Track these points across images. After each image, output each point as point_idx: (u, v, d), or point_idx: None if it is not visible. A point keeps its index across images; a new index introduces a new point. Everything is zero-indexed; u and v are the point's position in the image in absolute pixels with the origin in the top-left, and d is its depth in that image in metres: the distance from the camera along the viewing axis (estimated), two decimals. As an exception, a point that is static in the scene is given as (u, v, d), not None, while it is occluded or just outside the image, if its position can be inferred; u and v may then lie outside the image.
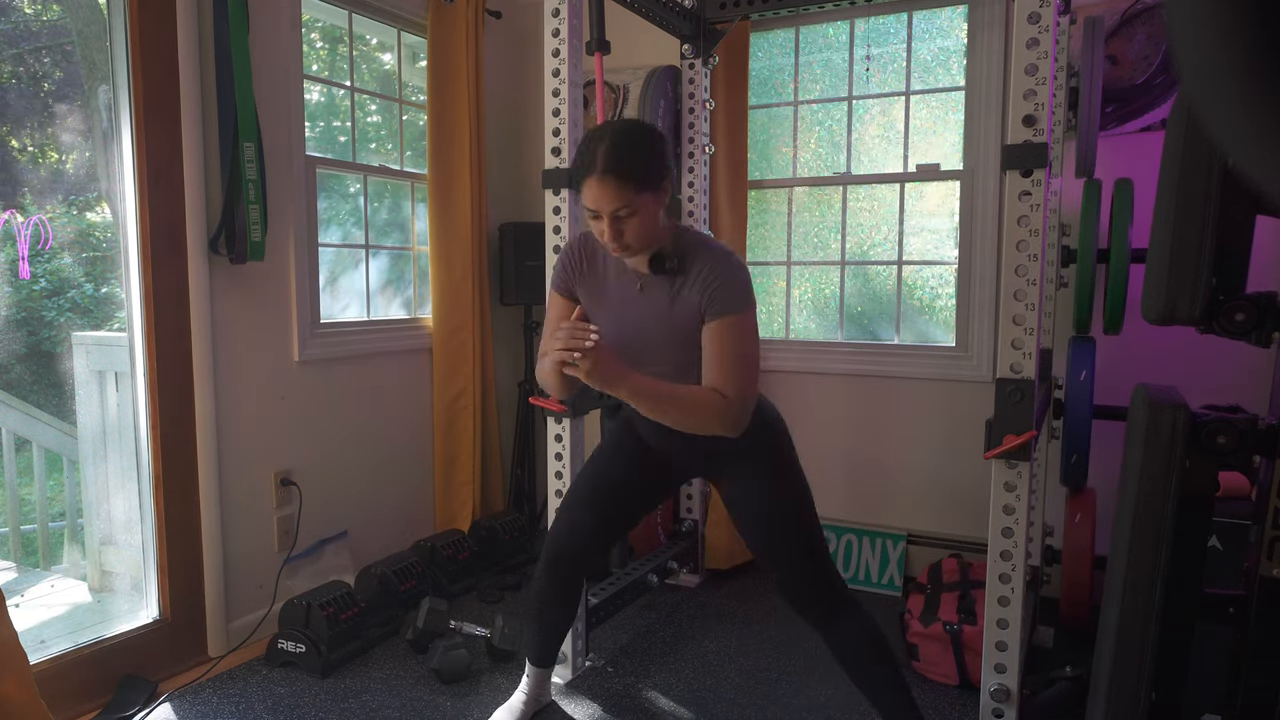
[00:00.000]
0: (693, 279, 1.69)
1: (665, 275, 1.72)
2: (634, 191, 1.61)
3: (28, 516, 3.33)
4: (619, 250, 1.68)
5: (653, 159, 1.66)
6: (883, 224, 3.27)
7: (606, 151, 1.62)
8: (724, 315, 1.67)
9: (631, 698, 2.32)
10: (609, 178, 1.60)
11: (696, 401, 1.68)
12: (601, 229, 1.66)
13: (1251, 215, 1.15)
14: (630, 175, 1.61)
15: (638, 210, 1.63)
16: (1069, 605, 2.47)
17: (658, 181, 1.66)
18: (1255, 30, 0.25)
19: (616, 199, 1.61)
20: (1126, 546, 1.18)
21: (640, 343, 1.78)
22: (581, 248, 1.86)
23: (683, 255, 1.71)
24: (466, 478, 3.36)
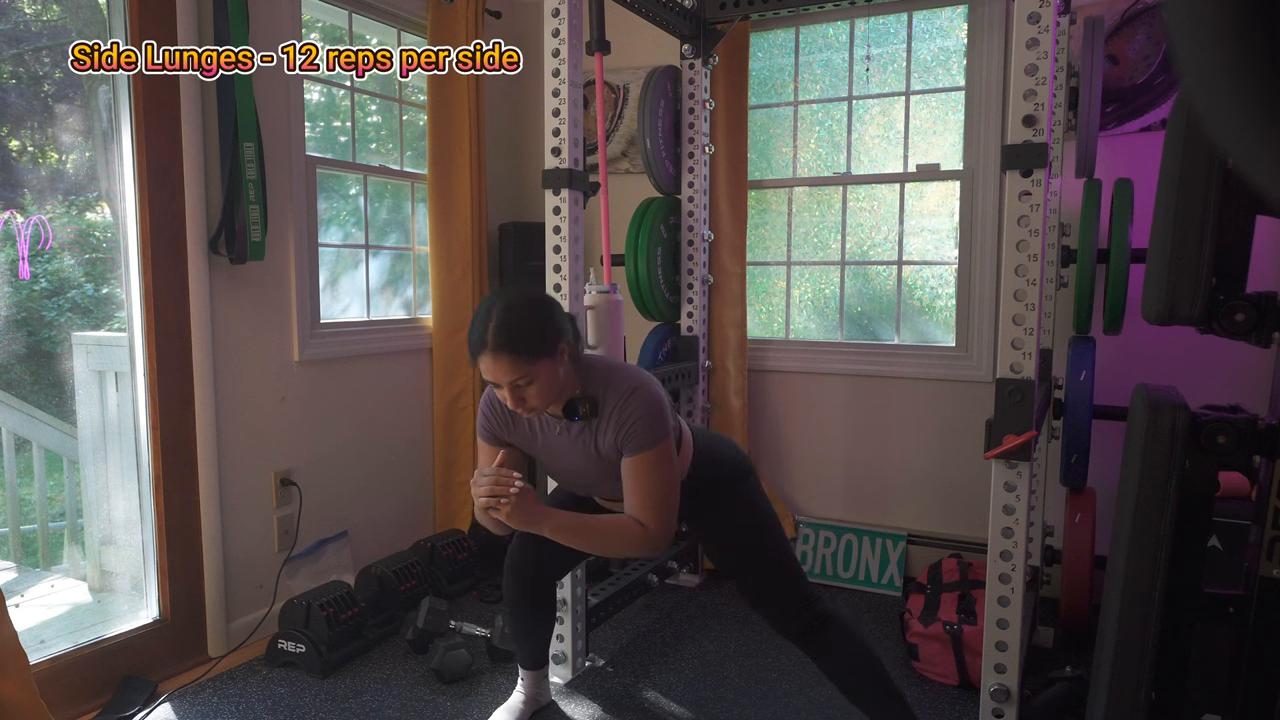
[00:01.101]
0: (606, 419, 1.73)
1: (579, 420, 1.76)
2: (527, 363, 1.63)
3: (28, 516, 3.33)
4: (525, 413, 1.71)
5: (542, 329, 1.67)
6: (883, 224, 3.27)
7: (496, 330, 1.63)
8: (639, 452, 1.71)
9: (631, 698, 2.32)
10: (501, 354, 1.62)
11: (616, 532, 1.73)
12: (504, 396, 1.69)
13: (1251, 215, 1.15)
14: (520, 349, 1.63)
15: (535, 378, 1.65)
16: (1069, 605, 2.47)
17: (552, 348, 1.67)
18: (1255, 30, 0.25)
19: (511, 371, 1.63)
20: (1126, 546, 1.18)
21: (582, 479, 1.86)
22: (500, 404, 1.86)
23: (593, 399, 1.74)
24: (466, 478, 3.36)
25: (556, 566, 2.13)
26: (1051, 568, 2.76)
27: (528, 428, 1.85)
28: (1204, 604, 1.19)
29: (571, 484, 1.93)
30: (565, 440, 1.81)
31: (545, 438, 1.84)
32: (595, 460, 1.79)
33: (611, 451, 1.75)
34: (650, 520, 1.71)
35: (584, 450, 1.79)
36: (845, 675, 1.89)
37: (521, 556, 2.08)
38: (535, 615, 2.16)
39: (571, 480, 1.91)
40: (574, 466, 1.84)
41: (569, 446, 1.81)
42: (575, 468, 1.84)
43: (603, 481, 1.84)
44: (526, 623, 2.17)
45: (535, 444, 1.86)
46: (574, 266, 2.28)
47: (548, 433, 1.83)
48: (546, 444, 1.84)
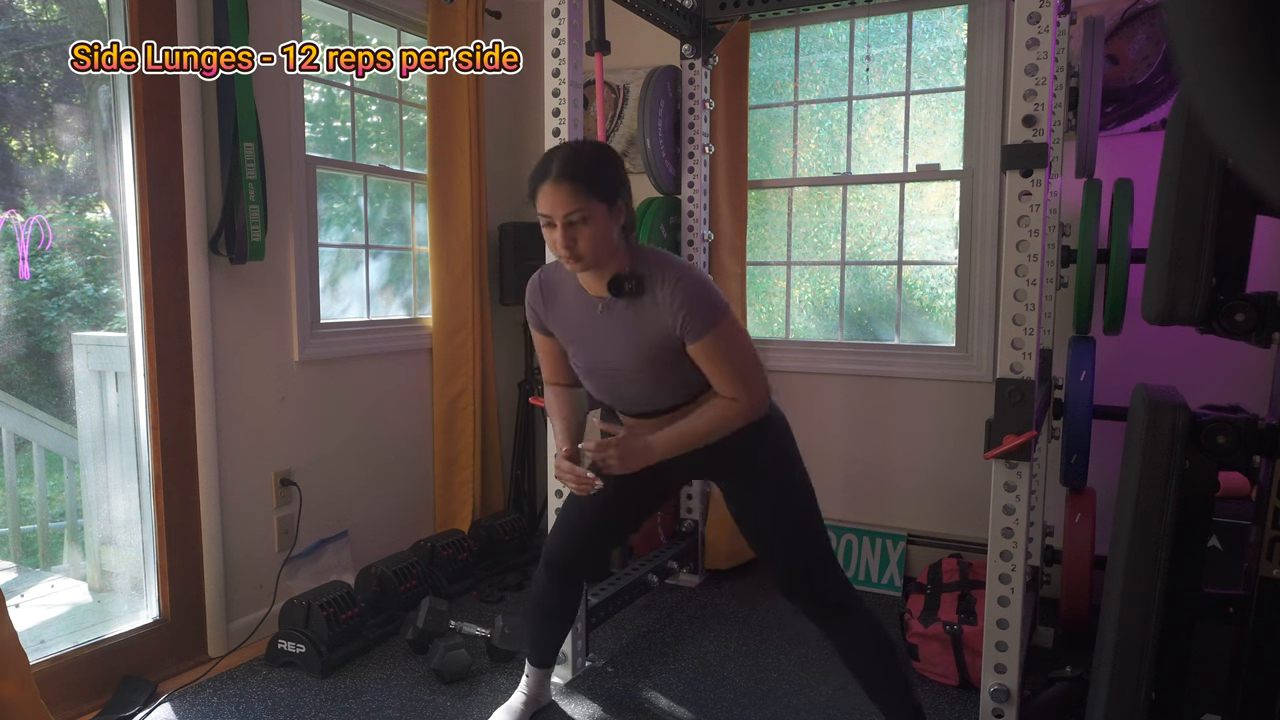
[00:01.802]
0: (656, 301, 1.70)
1: (624, 297, 1.73)
2: (585, 197, 1.63)
3: (28, 516, 3.33)
4: (572, 260, 1.68)
5: (607, 172, 1.69)
6: (883, 224, 3.27)
7: (563, 158, 1.66)
8: (705, 332, 1.68)
9: (631, 698, 2.32)
10: (562, 181, 1.63)
11: (719, 419, 1.72)
12: (555, 239, 1.67)
13: (1251, 215, 1.15)
14: (583, 181, 1.63)
15: (590, 218, 1.64)
16: (1069, 605, 2.47)
17: (611, 195, 1.67)
18: (1255, 30, 0.25)
19: (569, 202, 1.62)
20: (1126, 546, 1.18)
21: (612, 364, 1.80)
22: (542, 285, 1.88)
23: (640, 277, 1.72)
24: (466, 478, 3.36)
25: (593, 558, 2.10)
26: (1051, 568, 2.76)
27: (565, 306, 1.83)
28: (1204, 604, 1.19)
29: (601, 381, 1.83)
30: (605, 323, 1.77)
31: (580, 317, 1.80)
32: (630, 343, 1.74)
33: (654, 334, 1.71)
34: (744, 394, 1.71)
35: (620, 332, 1.75)
36: (864, 664, 1.86)
37: (558, 552, 2.05)
38: (557, 615, 2.15)
39: (602, 375, 1.82)
40: (606, 352, 1.78)
41: (608, 330, 1.76)
42: (607, 352, 1.78)
43: (635, 367, 1.76)
44: (546, 620, 2.15)
45: (570, 326, 1.83)
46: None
47: (584, 312, 1.79)
48: (581, 325, 1.81)
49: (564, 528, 2.03)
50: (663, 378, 1.76)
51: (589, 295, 1.79)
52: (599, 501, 1.93)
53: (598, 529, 2.02)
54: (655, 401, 1.80)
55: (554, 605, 2.13)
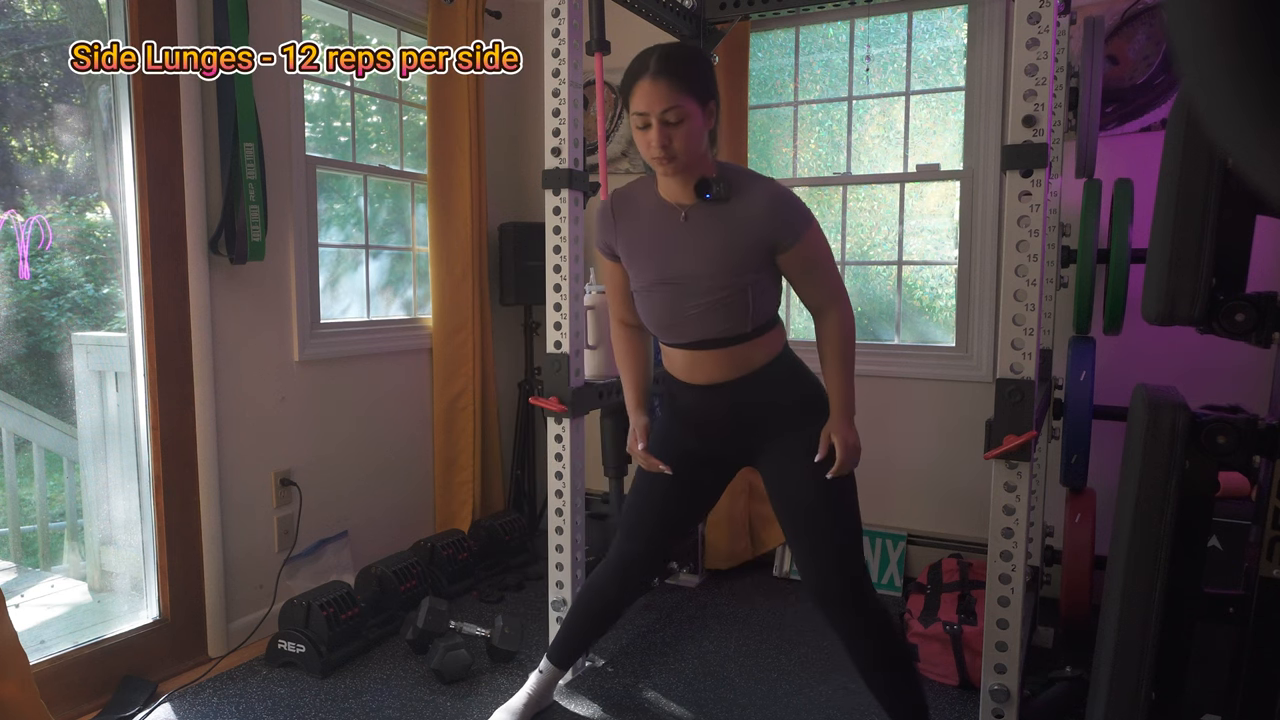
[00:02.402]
0: (749, 205, 1.70)
1: (713, 201, 1.73)
2: (682, 94, 1.64)
3: (28, 516, 3.33)
4: (666, 160, 1.67)
5: (702, 71, 1.70)
6: (883, 224, 3.27)
7: (660, 55, 1.66)
8: (799, 237, 1.70)
9: (631, 698, 2.32)
10: (661, 78, 1.63)
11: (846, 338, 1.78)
12: (649, 139, 1.66)
13: (1251, 215, 1.15)
14: (681, 78, 1.64)
15: (685, 117, 1.64)
16: (1069, 605, 2.47)
17: (705, 95, 1.68)
18: (1255, 30, 0.25)
19: (667, 99, 1.63)
20: (1126, 546, 1.18)
21: (685, 273, 1.75)
22: (614, 204, 1.87)
23: (728, 182, 1.72)
24: (466, 478, 3.36)
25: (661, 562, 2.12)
26: (1051, 568, 2.76)
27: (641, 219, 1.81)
28: (1204, 604, 1.19)
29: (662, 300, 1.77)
30: (687, 231, 1.75)
31: (659, 229, 1.78)
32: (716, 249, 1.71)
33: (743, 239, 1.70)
34: (839, 295, 1.77)
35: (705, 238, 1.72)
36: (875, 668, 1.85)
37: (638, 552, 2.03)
38: (606, 616, 2.16)
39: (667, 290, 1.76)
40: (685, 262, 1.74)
41: (687, 236, 1.74)
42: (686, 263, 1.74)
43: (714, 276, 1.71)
44: (593, 620, 2.15)
45: (643, 239, 1.80)
46: (574, 266, 2.28)
47: (663, 223, 1.78)
48: (659, 236, 1.78)
49: (642, 527, 2.02)
50: (735, 293, 1.72)
51: (670, 204, 1.78)
52: (676, 497, 1.95)
53: (673, 525, 2.03)
54: (718, 326, 1.75)
55: (609, 606, 2.13)
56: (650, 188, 1.82)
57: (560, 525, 2.36)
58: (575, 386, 2.29)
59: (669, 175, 1.74)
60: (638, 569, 2.07)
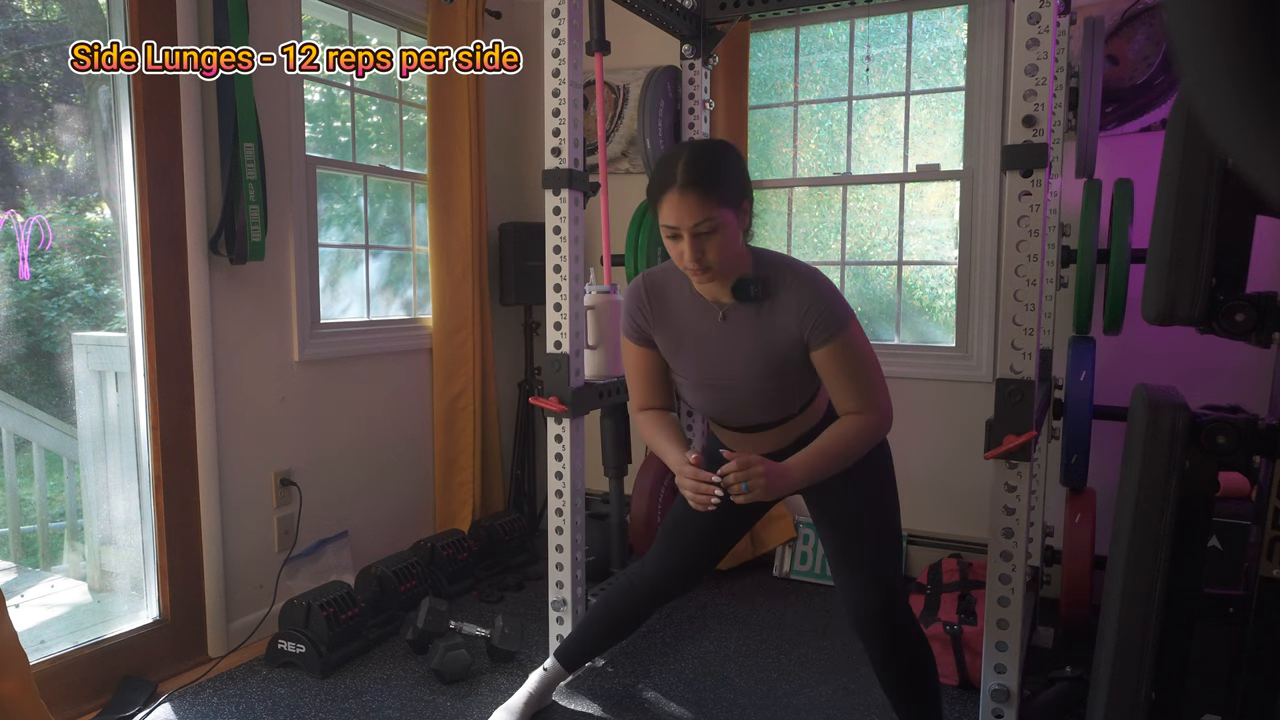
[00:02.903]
0: (783, 305, 1.65)
1: (751, 302, 1.67)
2: (715, 205, 1.55)
3: (28, 516, 3.33)
4: (700, 272, 1.61)
5: (734, 174, 1.62)
6: (883, 224, 3.27)
7: (687, 164, 1.57)
8: (836, 336, 1.63)
9: (631, 698, 2.32)
10: (691, 191, 1.55)
11: (850, 440, 1.66)
12: (681, 250, 1.59)
13: (1251, 215, 1.15)
14: (712, 188, 1.55)
15: (719, 227, 1.57)
16: (1069, 605, 2.47)
17: (738, 199, 1.61)
18: (1255, 30, 0.25)
19: (698, 212, 1.55)
20: (1126, 546, 1.18)
21: (730, 376, 1.74)
22: (648, 291, 1.79)
23: (765, 280, 1.66)
24: (466, 478, 3.36)
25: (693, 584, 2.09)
26: (1051, 568, 2.76)
27: (678, 314, 1.75)
28: (1204, 604, 1.19)
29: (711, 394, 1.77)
30: (727, 331, 1.70)
31: (697, 326, 1.73)
32: (754, 351, 1.68)
33: (780, 341, 1.66)
34: (868, 404, 1.65)
35: (744, 340, 1.69)
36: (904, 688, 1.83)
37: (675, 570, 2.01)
38: (626, 627, 2.15)
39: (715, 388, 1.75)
40: (725, 363, 1.72)
41: (727, 336, 1.70)
42: (727, 364, 1.72)
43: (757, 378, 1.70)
44: (612, 626, 2.14)
45: (683, 336, 1.75)
46: (574, 266, 2.28)
47: (701, 321, 1.73)
48: (698, 335, 1.73)
49: (681, 547, 1.99)
50: (782, 389, 1.72)
51: (706, 302, 1.73)
52: (717, 522, 1.90)
53: (712, 549, 2.00)
54: (767, 413, 1.76)
55: (631, 618, 2.11)
56: (683, 281, 1.76)
57: (560, 525, 2.36)
58: (575, 386, 2.29)
59: (705, 284, 1.68)
60: (670, 590, 2.06)
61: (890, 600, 1.77)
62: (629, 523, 3.00)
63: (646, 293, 1.79)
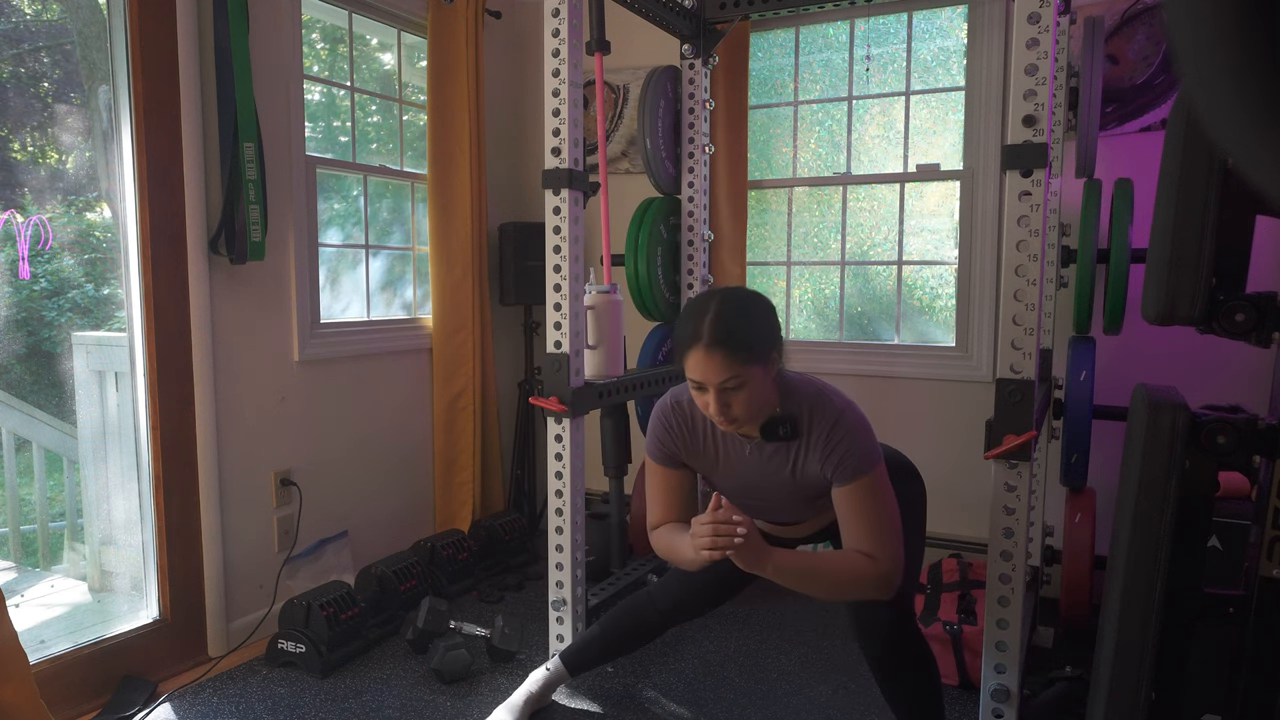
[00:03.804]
0: (810, 446, 1.64)
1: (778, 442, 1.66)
2: (742, 364, 1.53)
3: (28, 516, 3.33)
4: (726, 424, 1.60)
5: (762, 327, 1.59)
6: (883, 224, 3.27)
7: (713, 321, 1.54)
8: (855, 479, 1.61)
9: (631, 698, 2.32)
10: (716, 350, 1.52)
11: (844, 571, 1.61)
12: (706, 401, 1.58)
13: (1251, 215, 1.15)
14: (739, 347, 1.53)
15: (746, 382, 1.54)
16: (1069, 605, 2.47)
17: (767, 353, 1.57)
18: (1255, 30, 0.25)
19: (724, 371, 1.53)
20: (1126, 546, 1.18)
21: (763, 503, 1.76)
22: (677, 417, 1.77)
23: (794, 419, 1.64)
24: (466, 478, 3.36)
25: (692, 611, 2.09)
26: (1051, 568, 2.76)
27: (711, 447, 1.74)
28: (1204, 604, 1.19)
29: (746, 506, 1.79)
30: (754, 463, 1.70)
31: (730, 459, 1.73)
32: (785, 485, 1.69)
33: (812, 478, 1.66)
34: (879, 551, 1.58)
35: (775, 474, 1.70)
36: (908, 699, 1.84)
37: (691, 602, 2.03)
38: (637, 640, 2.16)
39: (747, 502, 1.79)
40: (756, 490, 1.74)
41: (757, 469, 1.71)
42: (757, 491, 1.75)
43: (789, 507, 1.77)
44: (623, 639, 2.14)
45: (715, 466, 1.76)
46: (574, 266, 2.28)
47: (733, 453, 1.72)
48: (730, 466, 1.74)
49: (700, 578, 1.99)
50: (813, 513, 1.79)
51: (736, 435, 1.72)
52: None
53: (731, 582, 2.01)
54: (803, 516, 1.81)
55: (646, 631, 2.12)
56: None
57: (560, 525, 2.36)
58: (575, 386, 2.29)
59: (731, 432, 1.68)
60: (688, 611, 2.08)
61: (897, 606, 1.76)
62: (629, 523, 3.00)
63: (677, 420, 1.77)
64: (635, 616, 2.11)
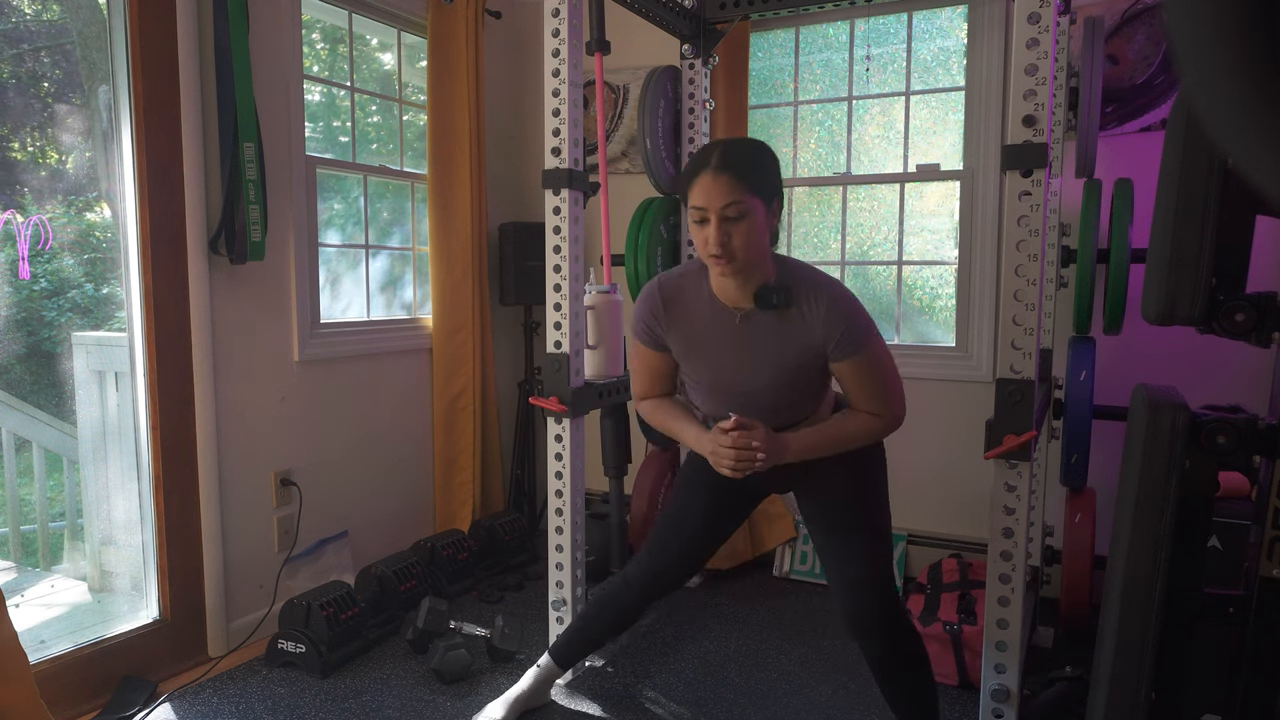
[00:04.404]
0: (804, 316, 1.65)
1: (772, 310, 1.67)
2: (746, 191, 1.57)
3: (28, 516, 3.33)
4: (723, 260, 1.60)
5: (767, 168, 1.64)
6: (883, 224, 3.27)
7: (723, 150, 1.60)
8: (860, 350, 1.65)
9: (631, 698, 2.32)
10: (723, 173, 1.57)
11: (856, 431, 1.71)
12: (706, 235, 1.59)
13: (1251, 215, 1.15)
14: (744, 173, 1.58)
15: (747, 213, 1.57)
16: (1069, 605, 2.47)
17: (769, 194, 1.62)
18: (1255, 30, 0.25)
19: (728, 194, 1.56)
20: (1126, 546, 1.18)
21: (744, 382, 1.74)
22: (663, 293, 1.78)
23: (789, 290, 1.66)
24: (466, 478, 3.36)
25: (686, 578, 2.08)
26: (1051, 568, 2.76)
27: (692, 316, 1.75)
28: (1204, 604, 1.19)
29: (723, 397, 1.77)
30: (744, 336, 1.70)
31: (712, 328, 1.73)
32: (771, 356, 1.68)
33: (798, 349, 1.66)
34: (886, 410, 1.70)
35: (760, 344, 1.69)
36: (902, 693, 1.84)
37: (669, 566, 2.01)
38: (619, 625, 2.14)
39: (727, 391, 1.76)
40: (738, 366, 1.72)
41: (742, 340, 1.71)
42: (739, 367, 1.72)
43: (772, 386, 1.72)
44: (606, 626, 2.14)
45: (697, 338, 1.75)
46: (574, 266, 2.28)
47: (718, 323, 1.72)
48: (712, 336, 1.73)
49: (676, 542, 1.99)
50: (794, 395, 1.74)
51: (725, 306, 1.72)
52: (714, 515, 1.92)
53: (706, 543, 2.00)
54: (777, 419, 1.77)
55: (625, 616, 2.10)
56: (701, 283, 1.75)
57: (560, 525, 2.36)
58: (575, 386, 2.29)
59: (726, 276, 1.67)
60: (665, 582, 2.06)
61: (889, 600, 1.78)
62: (629, 523, 3.00)
63: (661, 295, 1.79)
64: (614, 606, 2.10)
